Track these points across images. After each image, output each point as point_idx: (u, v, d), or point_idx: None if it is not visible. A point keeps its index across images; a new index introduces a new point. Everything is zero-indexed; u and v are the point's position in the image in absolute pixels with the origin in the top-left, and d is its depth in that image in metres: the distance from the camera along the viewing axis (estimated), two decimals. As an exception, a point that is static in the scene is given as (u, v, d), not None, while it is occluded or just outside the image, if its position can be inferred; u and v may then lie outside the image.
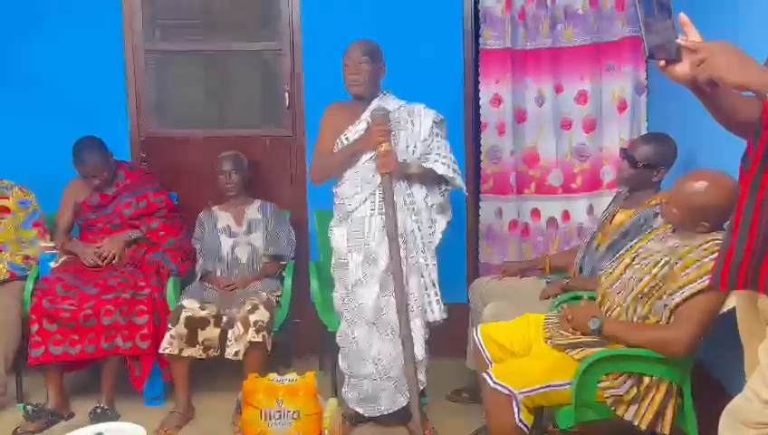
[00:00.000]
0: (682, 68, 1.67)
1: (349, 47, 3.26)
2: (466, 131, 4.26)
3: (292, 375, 2.81)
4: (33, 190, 3.95)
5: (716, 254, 1.97)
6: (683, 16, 1.71)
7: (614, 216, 3.24)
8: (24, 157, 4.14)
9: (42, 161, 4.11)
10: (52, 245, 3.87)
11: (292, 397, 2.67)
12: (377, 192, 3.23)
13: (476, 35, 4.20)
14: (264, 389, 2.70)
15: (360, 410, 3.34)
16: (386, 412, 3.31)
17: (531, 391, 2.45)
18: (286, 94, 4.32)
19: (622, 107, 3.98)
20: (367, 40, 3.30)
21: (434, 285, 3.33)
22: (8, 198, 3.86)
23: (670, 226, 2.60)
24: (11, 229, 3.83)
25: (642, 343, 2.47)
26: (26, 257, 3.80)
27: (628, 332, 2.51)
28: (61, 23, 4.26)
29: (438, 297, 3.34)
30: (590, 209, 4.08)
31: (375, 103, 3.29)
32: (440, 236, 3.35)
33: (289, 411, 2.67)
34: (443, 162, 3.26)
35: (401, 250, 3.17)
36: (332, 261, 3.38)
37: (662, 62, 1.68)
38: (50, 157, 4.06)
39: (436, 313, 3.33)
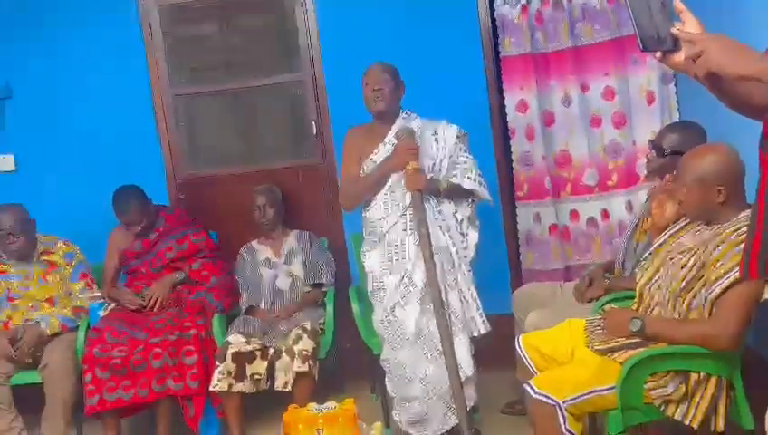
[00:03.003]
0: (680, 57, 1.62)
1: (368, 68, 3.30)
2: (495, 140, 4.24)
3: (332, 403, 2.80)
4: (77, 242, 4.04)
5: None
6: (678, 3, 1.66)
7: (650, 211, 3.16)
8: (66, 210, 4.27)
9: (83, 213, 4.23)
10: (99, 294, 3.95)
11: (332, 426, 2.66)
12: (407, 212, 3.22)
13: (496, 43, 4.18)
14: (303, 420, 2.70)
15: (413, 432, 3.31)
16: (439, 432, 3.27)
17: (575, 398, 2.39)
18: (313, 123, 4.37)
19: (651, 99, 3.92)
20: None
21: (474, 299, 3.29)
22: (54, 252, 3.96)
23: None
24: (59, 283, 3.93)
25: (686, 340, 2.39)
26: (76, 309, 3.89)
27: (671, 329, 2.44)
28: (89, 76, 4.39)
29: (480, 311, 3.30)
30: (629, 205, 4.00)
31: (399, 123, 3.29)
32: (473, 249, 3.32)
33: (330, 440, 2.68)
34: (469, 176, 3.25)
35: (437, 267, 3.15)
36: (368, 286, 3.38)
37: (658, 54, 1.63)
38: (91, 208, 4.18)
39: (480, 326, 3.29)
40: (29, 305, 3.87)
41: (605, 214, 4.08)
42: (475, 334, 3.30)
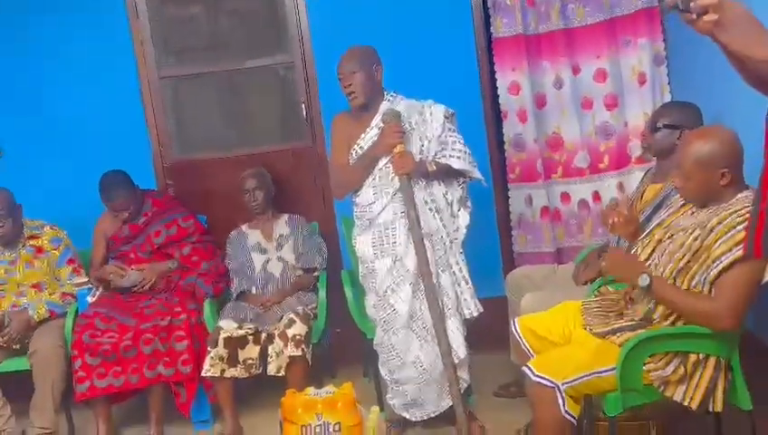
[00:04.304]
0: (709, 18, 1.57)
1: (339, 61, 3.24)
2: (487, 122, 4.22)
3: (330, 388, 2.79)
4: (64, 228, 3.98)
5: (747, 221, 1.90)
6: None
7: (644, 192, 3.16)
8: (52, 195, 4.21)
9: (69, 199, 4.18)
10: (86, 280, 3.90)
11: (331, 410, 2.65)
12: (397, 196, 3.20)
13: (487, 24, 4.15)
14: (302, 404, 2.68)
15: (407, 415, 3.31)
16: (432, 415, 3.27)
17: (574, 380, 2.39)
18: (303, 106, 4.32)
19: (642, 80, 3.90)
20: (356, 47, 3.27)
21: (466, 281, 3.28)
22: (40, 237, 3.90)
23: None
24: (46, 268, 3.87)
25: (687, 310, 2.36)
26: (64, 295, 3.83)
27: (676, 295, 2.38)
28: (74, 59, 4.31)
29: (472, 292, 3.29)
30: (621, 187, 4.00)
31: (384, 106, 3.26)
32: (465, 230, 3.30)
33: (330, 424, 2.65)
34: (458, 156, 3.21)
35: (428, 250, 3.13)
36: (360, 270, 3.36)
37: (693, 16, 1.58)
38: (77, 193, 4.12)
39: (472, 308, 3.28)
40: (15, 291, 3.82)
41: (596, 196, 4.07)
42: (468, 316, 3.29)
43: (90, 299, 3.81)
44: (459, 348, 3.20)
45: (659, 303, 2.45)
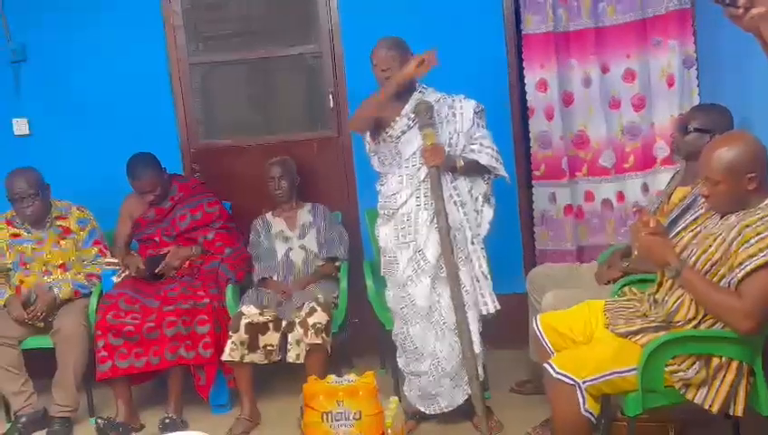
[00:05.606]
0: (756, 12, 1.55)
1: (375, 47, 3.26)
2: (514, 118, 4.21)
3: (352, 376, 2.81)
4: (90, 209, 4.03)
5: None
6: None
7: (672, 194, 3.15)
8: (80, 177, 4.24)
9: (96, 180, 4.22)
10: (115, 261, 3.94)
11: (352, 398, 2.67)
12: (422, 187, 3.21)
13: (518, 21, 4.14)
14: (324, 391, 2.71)
15: (422, 408, 3.33)
16: (446, 409, 3.29)
17: (595, 379, 2.40)
18: (330, 96, 4.34)
19: (671, 82, 3.88)
20: (389, 36, 3.30)
21: (485, 276, 3.29)
22: (68, 218, 3.95)
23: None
24: (72, 249, 3.92)
25: (713, 301, 2.34)
26: (89, 275, 3.89)
27: (706, 284, 2.37)
28: (105, 42, 4.34)
29: (491, 289, 3.31)
30: (645, 188, 3.99)
31: (417, 96, 3.27)
32: (487, 226, 3.31)
33: (350, 412, 2.67)
34: (486, 152, 3.23)
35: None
36: (382, 261, 3.38)
37: (741, 11, 1.56)
38: (104, 175, 4.17)
39: (489, 305, 3.29)
40: (42, 270, 3.87)
41: (620, 196, 4.06)
42: (485, 313, 3.30)
43: (115, 279, 3.85)
44: (475, 343, 3.21)
45: (687, 289, 2.43)
